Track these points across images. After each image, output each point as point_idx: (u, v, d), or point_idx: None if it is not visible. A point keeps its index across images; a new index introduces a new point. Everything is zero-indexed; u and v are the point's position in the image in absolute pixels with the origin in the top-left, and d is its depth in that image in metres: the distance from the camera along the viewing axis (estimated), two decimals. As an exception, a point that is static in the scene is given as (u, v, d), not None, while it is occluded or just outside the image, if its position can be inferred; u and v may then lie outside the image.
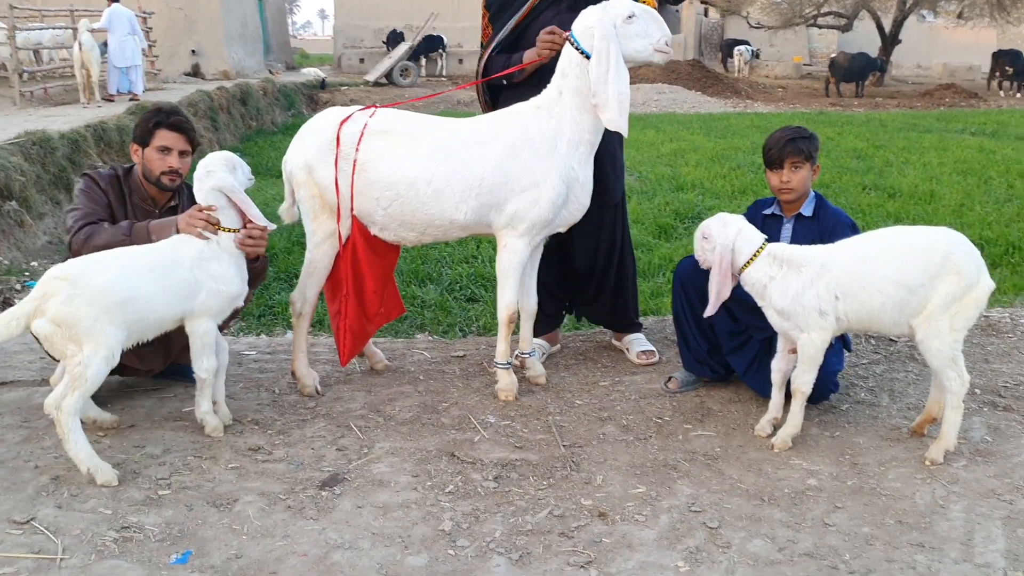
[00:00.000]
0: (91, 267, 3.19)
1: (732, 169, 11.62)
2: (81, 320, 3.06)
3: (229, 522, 2.96)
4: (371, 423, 3.74)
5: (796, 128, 3.88)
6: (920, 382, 4.17)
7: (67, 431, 3.09)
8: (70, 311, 3.05)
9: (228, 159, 3.60)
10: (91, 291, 3.09)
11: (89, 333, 3.07)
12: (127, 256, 3.32)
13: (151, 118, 3.85)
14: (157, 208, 3.94)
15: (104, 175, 3.92)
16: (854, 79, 26.34)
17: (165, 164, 3.82)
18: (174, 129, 3.83)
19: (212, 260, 3.44)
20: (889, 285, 3.30)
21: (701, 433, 3.67)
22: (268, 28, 30.36)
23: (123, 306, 3.15)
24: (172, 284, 3.32)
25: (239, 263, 3.54)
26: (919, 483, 3.24)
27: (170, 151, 3.82)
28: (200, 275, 3.39)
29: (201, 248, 3.43)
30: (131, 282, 3.20)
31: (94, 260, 3.26)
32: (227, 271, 3.47)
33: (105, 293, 3.11)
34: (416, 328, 5.52)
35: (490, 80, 4.27)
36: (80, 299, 3.06)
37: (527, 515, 3.04)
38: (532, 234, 3.80)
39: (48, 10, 19.20)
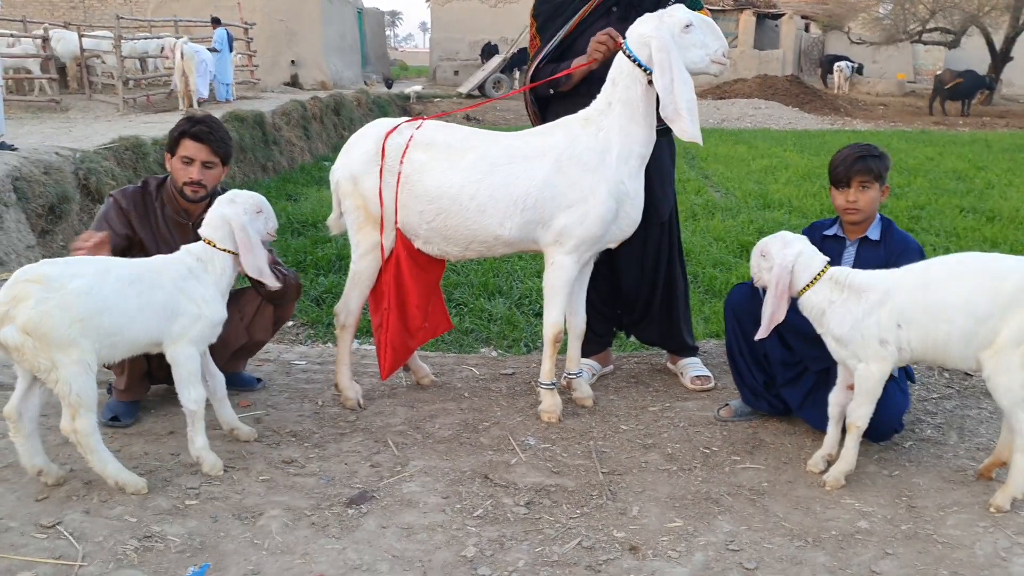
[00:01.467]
0: (67, 270, 2.95)
1: (823, 188, 11.24)
2: (55, 328, 2.84)
3: (251, 536, 2.92)
4: (408, 439, 3.67)
5: (866, 145, 3.68)
6: (994, 420, 3.89)
7: (89, 450, 3.02)
8: (42, 318, 2.83)
9: (256, 201, 3.47)
10: (65, 296, 2.87)
11: (62, 343, 2.86)
12: (107, 264, 3.12)
13: (179, 126, 3.76)
14: (191, 220, 3.83)
15: (129, 193, 3.82)
16: (961, 97, 25.36)
17: (187, 175, 3.72)
18: (197, 139, 3.71)
19: (193, 281, 3.26)
20: (956, 314, 3.07)
21: (749, 466, 3.49)
22: (367, 40, 30.96)
23: (97, 317, 2.93)
24: (151, 302, 3.11)
25: (225, 288, 3.37)
26: (981, 531, 3.00)
27: (193, 162, 3.71)
28: (180, 297, 3.20)
29: (184, 268, 3.27)
30: (108, 291, 2.99)
31: (71, 263, 3.06)
32: (209, 294, 3.28)
33: (80, 300, 2.89)
34: (481, 342, 5.46)
35: (536, 89, 4.16)
36: (53, 304, 2.85)
37: (555, 545, 2.92)
38: (581, 251, 3.68)
39: (155, 21, 19.89)
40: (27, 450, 3.09)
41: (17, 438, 3.08)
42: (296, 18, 24.83)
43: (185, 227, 3.83)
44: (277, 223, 3.56)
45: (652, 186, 3.93)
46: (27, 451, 3.10)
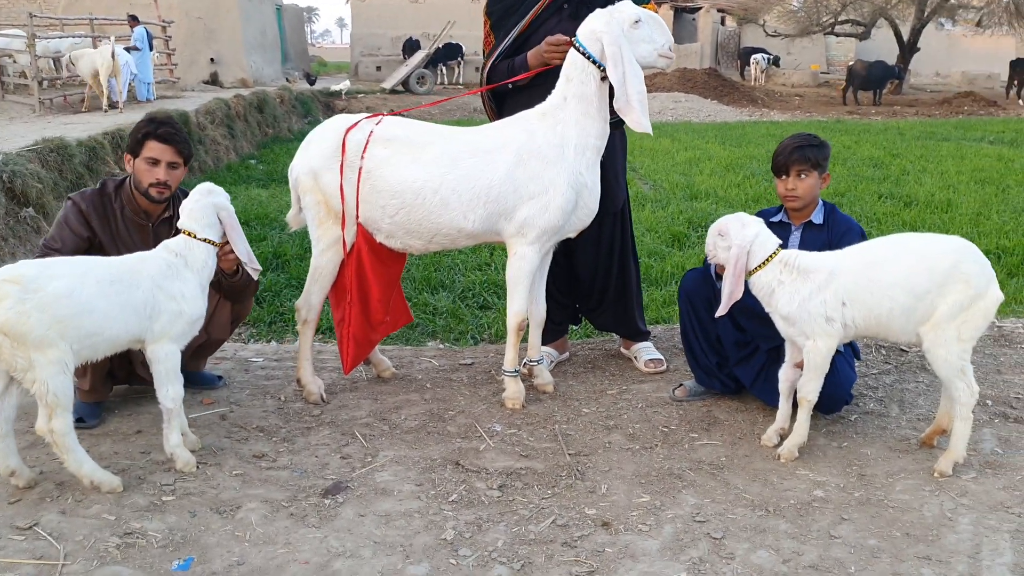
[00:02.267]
0: (45, 271, 2.96)
1: (747, 178, 11.58)
2: (32, 328, 2.84)
3: (232, 529, 2.96)
4: (376, 431, 3.74)
5: (806, 136, 3.85)
6: (931, 393, 4.13)
7: (65, 450, 3.03)
8: (19, 318, 2.83)
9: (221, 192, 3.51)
10: (43, 297, 2.88)
11: (39, 344, 2.86)
12: (86, 265, 3.14)
13: (142, 128, 3.75)
14: (150, 221, 3.85)
15: (88, 195, 3.81)
16: (872, 87, 26.22)
17: (153, 176, 3.71)
18: (163, 140, 3.71)
19: (172, 278, 3.27)
20: (897, 291, 3.27)
21: (707, 442, 3.65)
22: (286, 37, 30.58)
23: (77, 318, 2.94)
24: (130, 301, 3.12)
25: (205, 281, 3.39)
26: (927, 495, 3.20)
27: (158, 163, 3.71)
28: (159, 294, 3.21)
29: (163, 265, 3.28)
30: (87, 292, 2.99)
31: (49, 264, 3.07)
32: (189, 290, 3.30)
33: (59, 301, 2.90)
34: (428, 335, 5.51)
35: (495, 87, 4.26)
36: (31, 304, 2.85)
37: (530, 524, 3.02)
38: (542, 241, 3.79)
39: (68, 19, 19.36)
40: (2, 450, 3.08)
41: None
42: (214, 15, 24.42)
43: (145, 228, 3.83)
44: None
45: (606, 177, 4.06)
46: (2, 451, 3.08)
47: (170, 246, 3.36)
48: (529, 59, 4.10)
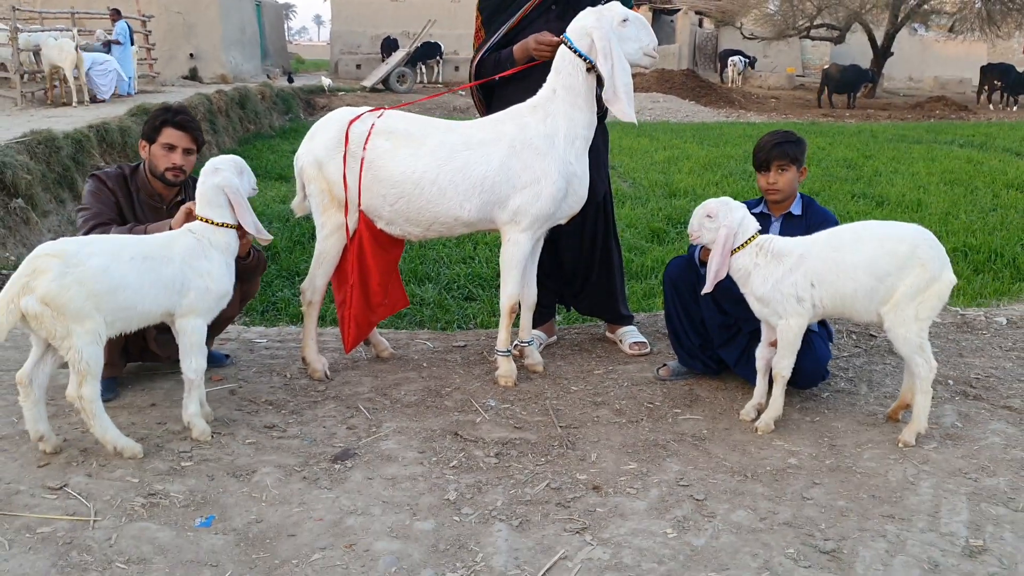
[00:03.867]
0: (85, 248, 3.17)
1: (724, 176, 11.88)
2: (72, 300, 3.05)
3: (248, 491, 3.18)
4: (378, 405, 3.96)
5: (784, 132, 4.11)
6: (897, 373, 4.40)
7: (92, 416, 3.22)
8: (60, 290, 3.03)
9: (237, 163, 3.66)
10: (83, 271, 3.08)
11: (78, 315, 3.07)
12: (121, 243, 3.34)
13: (159, 116, 4.00)
14: (164, 204, 4.09)
15: (111, 174, 4.05)
16: (846, 90, 26.68)
17: (169, 161, 3.97)
18: (179, 128, 3.97)
19: (201, 257, 3.46)
20: (861, 273, 3.54)
21: (689, 417, 3.90)
22: (265, 33, 30.62)
23: (112, 293, 3.15)
24: (162, 277, 3.32)
25: (229, 261, 3.57)
26: (892, 463, 3.47)
27: (175, 149, 3.96)
28: (188, 271, 3.40)
29: (192, 244, 3.46)
30: (123, 268, 3.20)
31: (88, 241, 3.27)
32: (216, 268, 3.49)
33: (97, 276, 3.11)
34: (416, 324, 5.73)
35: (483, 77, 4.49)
36: (71, 278, 3.06)
37: (526, 487, 3.26)
38: (535, 228, 4.03)
39: (48, 12, 19.38)
40: (33, 415, 3.29)
41: (26, 403, 3.27)
42: (194, 11, 24.46)
43: (160, 210, 4.06)
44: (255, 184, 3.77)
45: (589, 169, 4.30)
46: (33, 416, 3.29)
47: (194, 229, 3.53)
48: (515, 52, 4.33)
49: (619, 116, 3.88)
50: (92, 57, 15.07)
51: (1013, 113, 25.28)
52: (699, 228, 3.75)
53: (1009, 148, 15.52)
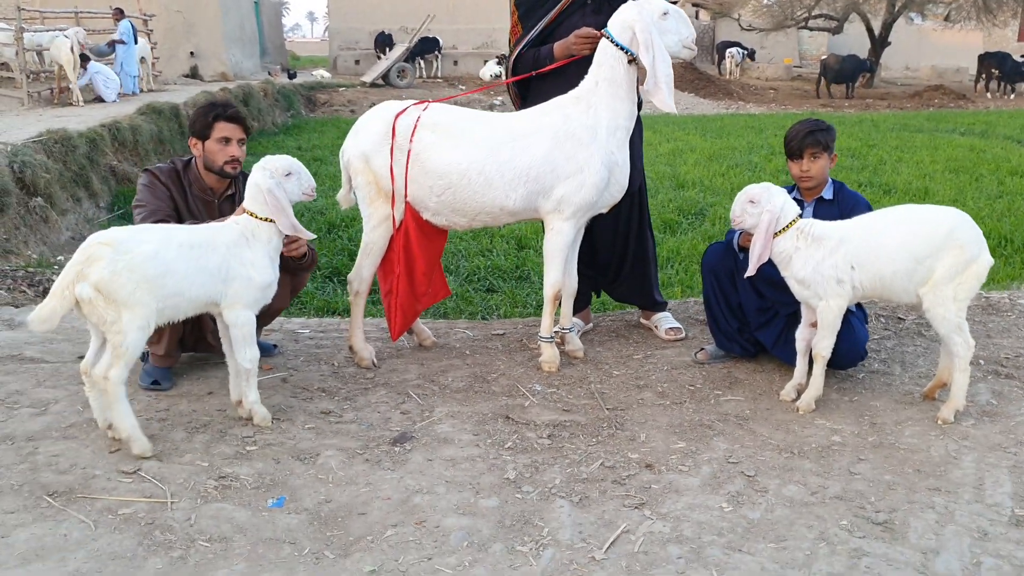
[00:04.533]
0: (135, 236, 3.29)
1: (730, 168, 11.99)
2: (123, 286, 3.14)
3: (315, 473, 3.28)
4: (427, 391, 4.07)
5: (814, 121, 4.22)
6: (928, 354, 4.52)
7: (113, 399, 3.26)
8: (112, 277, 3.13)
9: (285, 165, 3.68)
10: (133, 259, 3.17)
11: (128, 301, 3.16)
12: (169, 231, 3.44)
13: (209, 111, 4.09)
14: (216, 198, 4.19)
15: (165, 169, 4.16)
16: (844, 80, 26.80)
17: (227, 154, 4.07)
18: (232, 120, 4.08)
19: (244, 247, 3.54)
20: (900, 255, 3.66)
21: (731, 398, 4.02)
22: (264, 31, 30.66)
23: (161, 279, 3.24)
24: (207, 266, 3.41)
25: (272, 253, 3.63)
26: (933, 439, 3.59)
27: (230, 141, 4.07)
28: (233, 261, 3.48)
29: (236, 235, 3.55)
30: (171, 256, 3.29)
31: (137, 230, 3.39)
32: (259, 259, 3.55)
33: (146, 263, 3.20)
34: (439, 316, 5.83)
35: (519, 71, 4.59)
36: (122, 265, 3.15)
37: (581, 466, 3.37)
38: (578, 217, 4.14)
39: (54, 12, 19.41)
40: (99, 405, 3.38)
41: (91, 393, 3.37)
42: (194, 9, 24.49)
43: (211, 203, 4.17)
44: (313, 182, 3.78)
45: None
46: (99, 406, 3.38)
47: (239, 221, 3.62)
48: (555, 50, 4.44)
49: (660, 107, 3.99)
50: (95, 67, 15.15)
51: (1011, 101, 25.44)
52: (742, 213, 3.86)
53: (1010, 136, 15.66)
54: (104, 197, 9.78)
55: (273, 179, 3.62)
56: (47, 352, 4.44)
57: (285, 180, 3.66)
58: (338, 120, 19.63)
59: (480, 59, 29.47)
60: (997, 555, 2.80)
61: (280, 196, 3.60)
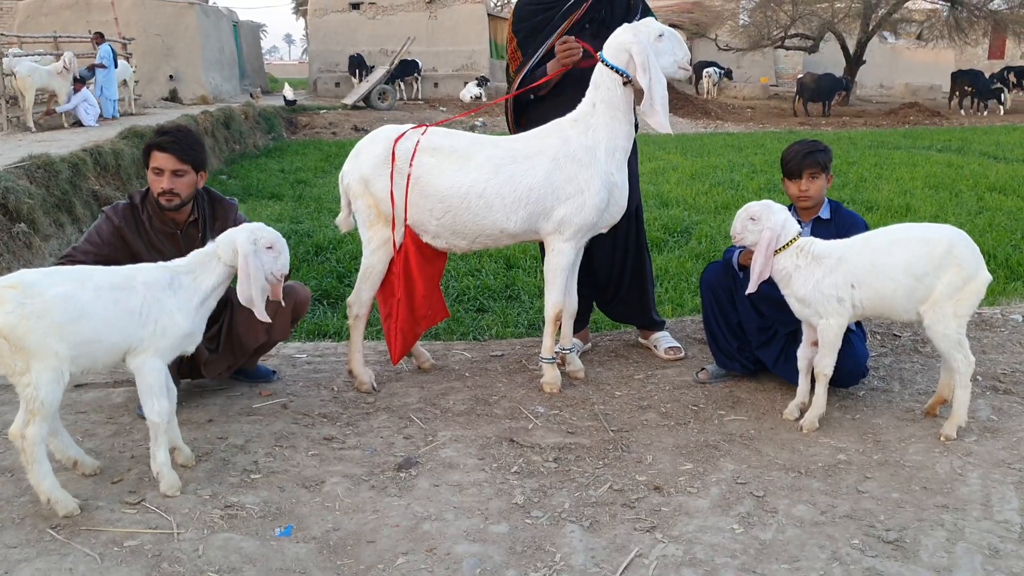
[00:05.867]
0: (45, 278, 2.99)
1: (713, 186, 12.05)
2: (29, 333, 2.86)
3: (321, 500, 3.25)
4: (430, 415, 4.04)
5: (812, 142, 4.25)
6: (925, 371, 4.55)
7: (31, 460, 2.99)
8: (18, 322, 2.86)
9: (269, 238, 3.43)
10: (42, 303, 2.90)
11: (37, 349, 2.88)
12: (85, 272, 3.18)
13: (149, 140, 3.92)
14: (178, 228, 4.01)
15: (120, 209, 3.97)
16: (821, 99, 27.08)
17: (159, 186, 3.86)
18: (163, 150, 3.85)
19: (169, 292, 3.26)
20: (899, 274, 3.68)
21: (735, 418, 4.01)
22: (243, 53, 30.63)
23: (75, 324, 2.96)
24: (128, 308, 3.13)
25: (202, 297, 3.36)
26: (937, 456, 3.60)
27: (162, 172, 3.85)
28: (152, 306, 3.19)
29: (160, 277, 3.27)
30: (86, 298, 3.02)
31: (49, 272, 3.09)
32: (184, 306, 3.28)
33: (57, 307, 2.92)
34: (431, 337, 5.81)
35: (518, 95, 4.60)
36: (30, 310, 2.88)
37: (590, 490, 3.35)
38: (578, 237, 4.14)
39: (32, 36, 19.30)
40: (59, 446, 3.31)
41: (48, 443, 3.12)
42: (173, 33, 24.46)
43: (174, 236, 4.02)
44: (288, 268, 3.51)
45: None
46: (59, 447, 3.32)
47: (190, 258, 3.40)
48: (548, 69, 4.46)
49: (656, 128, 4.01)
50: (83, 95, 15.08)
51: (984, 118, 25.76)
52: (742, 230, 3.87)
53: (986, 152, 15.84)
54: (87, 222, 9.69)
55: (254, 245, 3.35)
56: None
57: (265, 251, 3.40)
58: (320, 142, 19.62)
59: (460, 81, 29.55)
60: (1010, 572, 2.81)
61: (252, 264, 3.33)
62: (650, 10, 4.63)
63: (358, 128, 21.56)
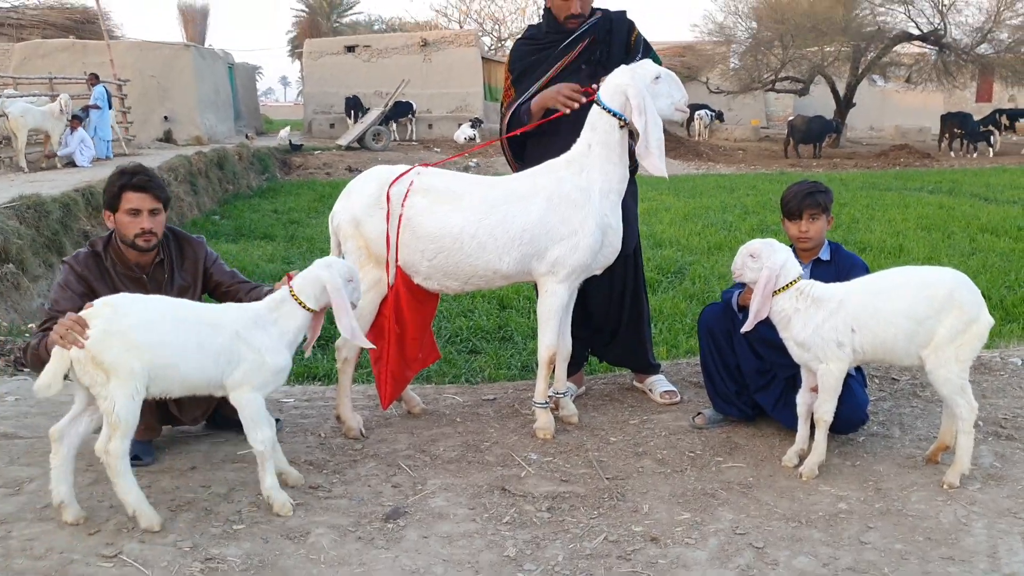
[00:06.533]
0: (135, 303, 3.27)
1: (705, 227, 12.05)
2: (109, 349, 3.09)
3: (306, 552, 3.13)
4: (419, 462, 3.93)
5: (813, 183, 4.20)
6: (925, 416, 4.46)
7: (117, 473, 3.17)
8: (102, 338, 3.11)
9: (349, 270, 3.61)
10: (126, 323, 3.14)
11: (114, 365, 3.09)
12: (173, 305, 3.38)
13: (116, 181, 3.75)
14: (144, 272, 3.91)
15: (81, 257, 3.85)
16: (812, 141, 27.25)
17: (137, 226, 3.76)
18: (139, 189, 3.75)
19: (260, 331, 3.42)
20: (900, 318, 3.60)
21: (733, 464, 3.91)
22: (238, 95, 30.78)
23: (152, 350, 3.15)
24: (208, 345, 3.29)
25: (290, 341, 3.50)
26: (941, 504, 3.50)
27: (140, 212, 3.75)
28: (241, 345, 3.35)
29: (253, 318, 3.43)
30: (165, 328, 3.22)
31: (140, 299, 3.33)
32: (275, 344, 3.43)
33: (138, 328, 3.15)
34: (421, 381, 5.72)
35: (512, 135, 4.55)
36: (115, 328, 3.12)
37: (584, 541, 3.24)
38: (572, 279, 4.07)
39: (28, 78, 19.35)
40: (58, 475, 3.24)
41: (54, 460, 3.23)
42: (168, 74, 24.59)
43: (140, 280, 3.89)
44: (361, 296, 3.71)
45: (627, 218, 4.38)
46: (57, 476, 3.24)
47: (271, 300, 3.53)
48: (532, 106, 4.42)
49: (651, 171, 3.96)
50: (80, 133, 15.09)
51: (973, 160, 25.93)
52: (742, 267, 3.81)
53: (977, 193, 15.91)
54: (76, 263, 9.60)
55: (341, 279, 3.50)
56: (21, 427, 4.27)
57: (346, 284, 3.54)
58: (313, 183, 19.64)
59: (454, 122, 29.72)
60: (1021, 628, 2.71)
61: (346, 296, 3.50)
62: (652, 49, 4.57)
63: (352, 169, 21.61)
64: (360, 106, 28.67)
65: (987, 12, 28.38)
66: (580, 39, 4.52)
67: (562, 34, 4.55)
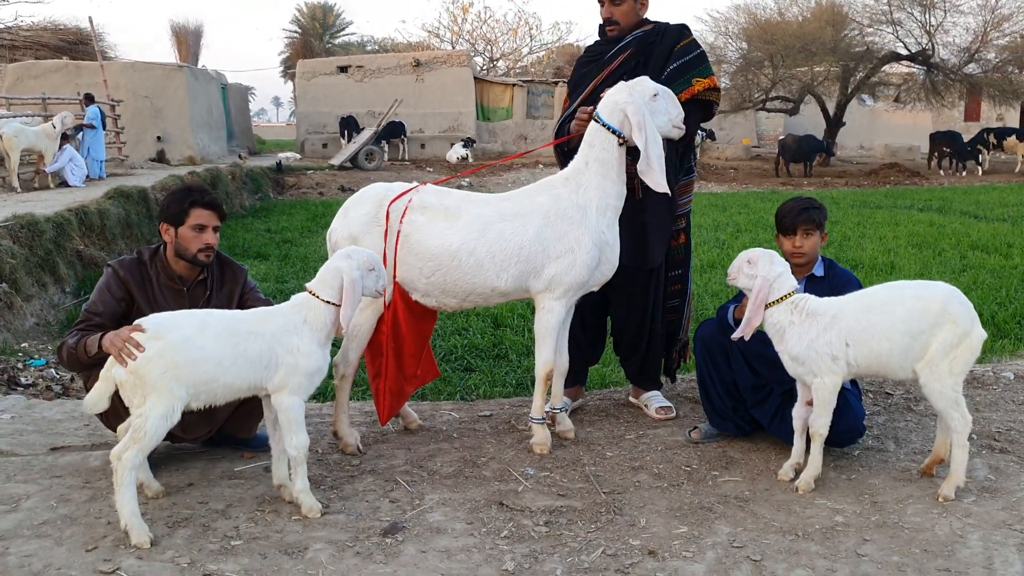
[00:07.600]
0: (170, 321, 3.35)
1: (698, 244, 12.06)
2: (149, 371, 3.21)
3: (304, 568, 3.13)
4: (416, 477, 3.94)
5: (808, 199, 4.25)
6: (920, 429, 4.49)
7: (120, 482, 3.22)
8: (143, 360, 3.22)
9: (371, 260, 3.65)
10: (165, 344, 3.24)
11: (154, 386, 3.20)
12: (209, 317, 3.45)
13: (185, 197, 3.97)
14: (186, 285, 4.03)
15: (126, 263, 4.00)
16: (802, 159, 27.40)
17: (202, 241, 3.93)
18: (208, 207, 3.95)
19: (292, 334, 3.48)
20: (894, 332, 3.64)
21: (729, 479, 3.93)
22: (232, 115, 30.83)
23: (192, 366, 3.26)
24: (246, 352, 3.38)
25: (324, 339, 3.56)
26: (936, 517, 3.52)
27: (205, 228, 3.93)
28: (279, 349, 3.45)
29: (284, 322, 3.51)
30: (204, 342, 3.30)
31: (177, 316, 3.44)
32: (307, 346, 3.49)
33: (175, 349, 3.25)
34: (417, 398, 5.72)
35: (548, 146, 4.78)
36: (154, 350, 3.23)
37: (582, 555, 3.25)
38: (569, 296, 4.09)
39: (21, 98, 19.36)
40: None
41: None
42: (161, 95, 24.62)
43: (180, 292, 4.01)
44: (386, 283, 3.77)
45: (647, 236, 4.48)
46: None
47: (293, 302, 3.59)
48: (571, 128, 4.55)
49: (652, 187, 3.99)
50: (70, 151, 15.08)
51: (963, 178, 26.09)
52: (737, 272, 3.84)
53: (967, 211, 16.00)
54: (70, 282, 9.62)
55: (359, 270, 3.56)
56: (17, 444, 4.26)
57: (367, 274, 3.61)
58: (306, 202, 19.66)
59: (447, 142, 29.83)
60: (1017, 639, 2.72)
61: (359, 288, 3.55)
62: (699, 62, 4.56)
63: (345, 188, 21.66)
64: (356, 126, 28.78)
65: (974, 33, 28.66)
66: (622, 51, 4.62)
67: (607, 45, 4.69)
